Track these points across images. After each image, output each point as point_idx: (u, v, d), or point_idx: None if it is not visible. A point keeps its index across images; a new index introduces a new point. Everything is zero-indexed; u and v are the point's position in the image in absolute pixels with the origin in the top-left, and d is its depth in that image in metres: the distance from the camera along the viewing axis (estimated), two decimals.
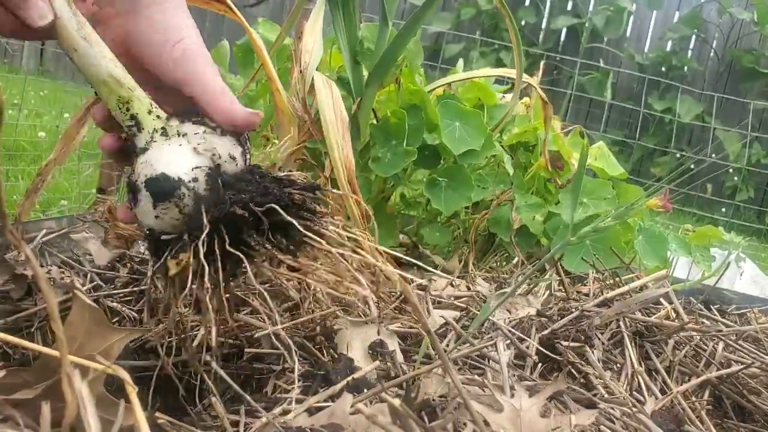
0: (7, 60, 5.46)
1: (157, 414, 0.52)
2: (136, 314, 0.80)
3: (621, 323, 0.86)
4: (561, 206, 1.23)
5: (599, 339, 0.83)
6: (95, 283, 0.86)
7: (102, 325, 0.53)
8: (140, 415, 0.44)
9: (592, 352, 0.78)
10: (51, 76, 5.46)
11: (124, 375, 0.46)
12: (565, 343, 0.79)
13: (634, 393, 0.74)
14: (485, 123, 1.24)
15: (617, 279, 1.02)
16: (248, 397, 0.58)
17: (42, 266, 0.87)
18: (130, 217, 0.59)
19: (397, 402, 0.47)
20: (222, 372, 0.62)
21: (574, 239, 0.55)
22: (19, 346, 0.69)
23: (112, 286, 0.85)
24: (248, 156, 0.59)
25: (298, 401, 0.59)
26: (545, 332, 0.81)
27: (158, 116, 0.58)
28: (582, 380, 0.75)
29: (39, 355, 0.50)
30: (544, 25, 5.35)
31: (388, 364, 0.69)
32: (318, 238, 0.55)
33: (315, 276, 0.55)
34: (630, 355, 0.80)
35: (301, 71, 1.10)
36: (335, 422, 0.52)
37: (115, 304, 0.80)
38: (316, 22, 1.16)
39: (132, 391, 0.45)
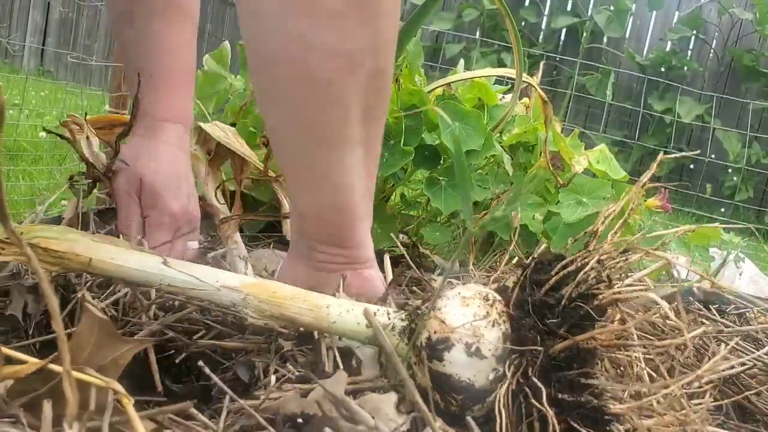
0: (8, 60, 5.47)
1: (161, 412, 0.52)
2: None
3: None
4: (561, 206, 1.23)
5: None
6: (89, 282, 0.85)
7: (111, 337, 0.53)
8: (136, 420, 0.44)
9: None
10: (52, 77, 5.47)
11: (118, 387, 0.46)
12: None
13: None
14: (485, 123, 1.24)
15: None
16: (226, 387, 0.58)
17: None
18: None
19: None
20: (207, 369, 0.62)
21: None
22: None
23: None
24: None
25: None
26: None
27: None
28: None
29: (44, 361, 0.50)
30: (544, 25, 5.36)
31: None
32: None
33: None
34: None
35: None
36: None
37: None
38: None
39: (128, 402, 0.45)
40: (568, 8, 5.28)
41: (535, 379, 0.52)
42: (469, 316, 0.55)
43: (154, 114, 0.98)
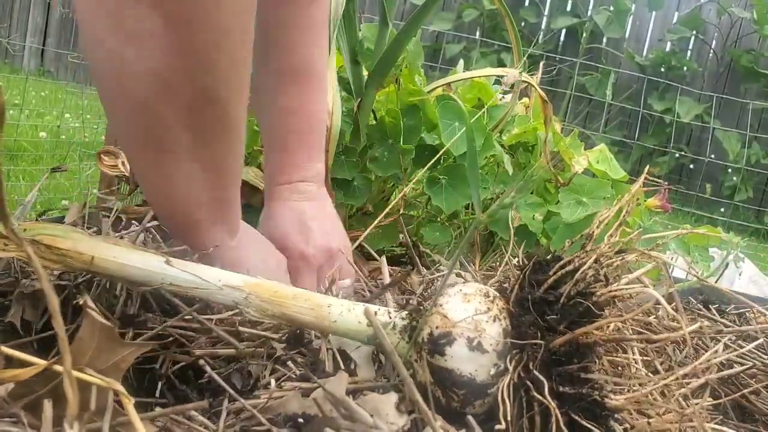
0: (8, 60, 5.47)
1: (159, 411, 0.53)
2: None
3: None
4: (561, 206, 1.23)
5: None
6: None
7: (112, 341, 0.53)
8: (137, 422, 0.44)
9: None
10: (52, 77, 5.47)
11: (119, 388, 0.46)
12: None
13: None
14: (485, 123, 1.24)
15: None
16: (228, 387, 0.58)
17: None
18: None
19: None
20: (209, 369, 0.62)
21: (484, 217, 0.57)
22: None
23: None
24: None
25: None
26: None
27: None
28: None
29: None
30: (543, 26, 5.36)
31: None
32: None
33: None
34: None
35: None
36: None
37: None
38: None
39: (128, 402, 0.45)
40: (568, 8, 5.28)
41: (537, 373, 0.52)
42: (471, 311, 0.56)
43: (271, 179, 0.99)
